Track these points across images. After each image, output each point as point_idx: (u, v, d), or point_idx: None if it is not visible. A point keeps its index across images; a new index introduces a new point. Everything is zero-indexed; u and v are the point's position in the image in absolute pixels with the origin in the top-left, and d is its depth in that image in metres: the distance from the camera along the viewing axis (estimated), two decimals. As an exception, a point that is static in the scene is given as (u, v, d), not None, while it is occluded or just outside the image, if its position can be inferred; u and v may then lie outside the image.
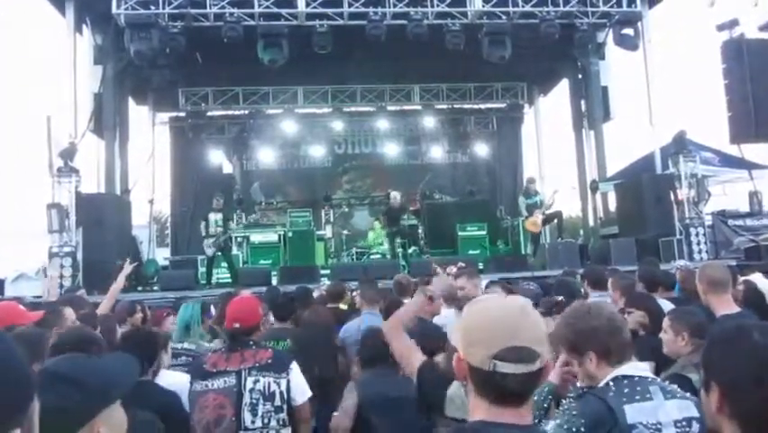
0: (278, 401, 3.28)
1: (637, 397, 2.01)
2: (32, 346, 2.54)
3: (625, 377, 2.08)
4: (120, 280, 6.05)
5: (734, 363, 1.50)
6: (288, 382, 3.33)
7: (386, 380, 3.61)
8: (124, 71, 13.62)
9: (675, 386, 2.21)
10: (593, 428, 1.94)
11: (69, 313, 4.13)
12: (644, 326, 3.64)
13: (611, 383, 2.08)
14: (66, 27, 12.47)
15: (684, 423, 2.00)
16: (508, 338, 1.37)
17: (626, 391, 2.03)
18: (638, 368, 2.15)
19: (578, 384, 2.18)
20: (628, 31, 12.97)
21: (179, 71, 14.75)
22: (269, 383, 3.28)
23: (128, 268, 6.23)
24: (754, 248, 12.03)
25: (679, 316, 3.17)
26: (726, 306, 3.60)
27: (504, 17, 12.72)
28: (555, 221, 13.55)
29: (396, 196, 13.61)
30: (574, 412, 1.99)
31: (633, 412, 1.97)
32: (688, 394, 2.19)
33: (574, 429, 1.94)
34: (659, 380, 2.16)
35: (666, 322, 3.19)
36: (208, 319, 5.25)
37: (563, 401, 2.13)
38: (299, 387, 3.38)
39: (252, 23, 12.21)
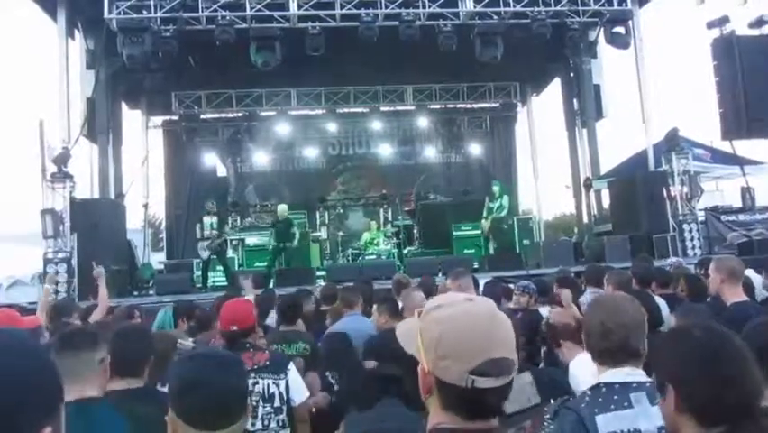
0: (277, 402, 3.31)
1: (612, 406, 1.97)
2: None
3: (605, 384, 2.04)
4: (102, 288, 6.11)
5: (680, 361, 1.57)
6: (287, 382, 3.35)
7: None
8: (117, 75, 13.58)
9: None
10: None
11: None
12: None
13: (588, 392, 2.05)
14: (57, 32, 12.41)
15: None
16: (485, 350, 1.23)
17: (600, 400, 1.99)
18: (624, 374, 2.06)
19: (551, 402, 2.12)
20: (619, 29, 13.03)
21: (172, 75, 14.74)
22: (268, 385, 3.31)
23: (101, 274, 6.25)
24: (747, 243, 12.11)
25: (685, 313, 3.17)
26: (737, 295, 3.72)
27: (496, 17, 12.76)
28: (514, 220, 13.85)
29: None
30: (553, 430, 1.97)
31: (605, 421, 1.93)
32: None
33: None
34: (650, 384, 2.06)
35: (673, 320, 3.21)
36: (182, 323, 5.51)
37: (545, 423, 2.06)
38: (298, 387, 3.41)
39: (245, 25, 12.21)
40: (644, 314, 2.22)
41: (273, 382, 3.32)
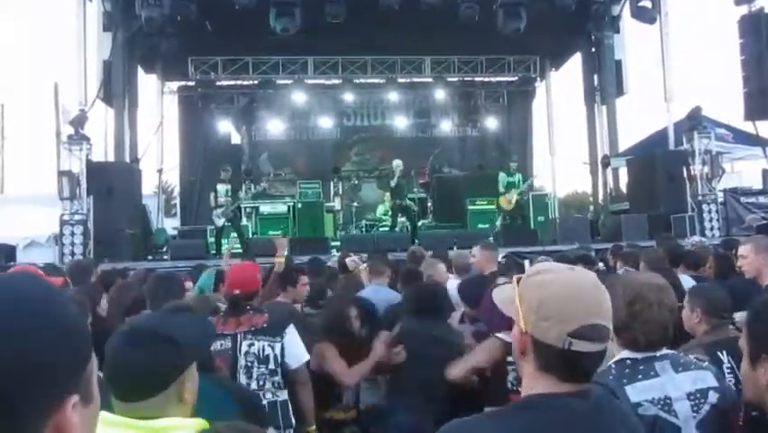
0: (272, 365, 3.36)
1: (639, 376, 1.97)
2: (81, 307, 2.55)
3: (627, 358, 2.03)
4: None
5: None
6: (282, 346, 3.39)
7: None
8: (133, 39, 13.49)
9: (692, 357, 2.18)
10: None
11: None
12: None
13: (612, 366, 2.03)
14: (75, -7, 12.29)
15: (699, 394, 1.95)
16: (587, 315, 1.30)
17: (626, 372, 1.99)
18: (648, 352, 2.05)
19: None
20: (646, 3, 12.76)
21: (189, 40, 14.58)
22: (263, 347, 3.37)
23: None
24: (766, 225, 11.96)
25: (696, 290, 3.06)
26: None
27: (520, -12, 12.51)
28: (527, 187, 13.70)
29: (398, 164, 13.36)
30: None
31: (635, 391, 1.93)
32: (705, 364, 2.14)
33: None
34: (672, 353, 2.08)
35: (686, 297, 3.15)
36: (222, 287, 5.37)
37: None
38: (293, 352, 3.43)
39: (265, -10, 12.05)
40: (676, 302, 2.18)
41: (268, 345, 3.37)
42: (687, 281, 4.39)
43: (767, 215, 12.81)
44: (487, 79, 19.32)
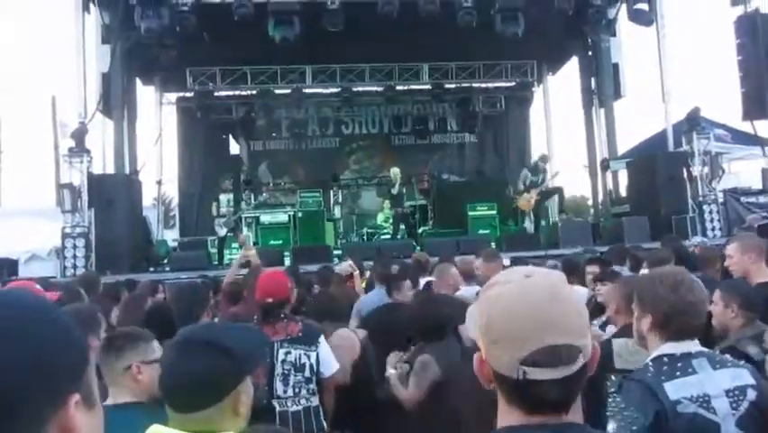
0: (308, 373, 3.45)
1: (678, 373, 1.98)
2: (85, 321, 2.57)
3: (665, 355, 2.05)
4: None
5: None
6: (318, 354, 3.48)
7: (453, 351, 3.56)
8: (131, 51, 13.49)
9: (727, 356, 2.19)
10: (646, 414, 1.90)
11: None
12: None
13: (650, 363, 2.06)
14: (74, 5, 12.30)
15: (737, 391, 1.96)
16: (543, 335, 1.05)
17: (664, 369, 2.00)
18: (682, 346, 2.07)
19: (612, 378, 2.09)
20: (642, 5, 12.82)
21: (187, 51, 14.59)
22: (299, 355, 3.45)
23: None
24: (766, 225, 11.98)
25: (729, 287, 3.12)
26: (765, 275, 3.65)
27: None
28: (556, 197, 13.59)
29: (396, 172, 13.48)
30: (622, 406, 1.95)
31: (674, 389, 1.94)
32: (741, 362, 2.16)
33: (635, 427, 1.88)
34: (708, 351, 2.11)
35: (717, 294, 3.16)
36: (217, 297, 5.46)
37: (609, 399, 2.04)
38: (327, 360, 3.52)
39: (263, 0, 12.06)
40: (707, 292, 2.21)
41: (305, 353, 3.45)
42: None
43: (768, 214, 12.84)
44: (484, 85, 19.37)
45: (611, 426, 1.93)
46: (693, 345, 2.07)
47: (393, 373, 3.60)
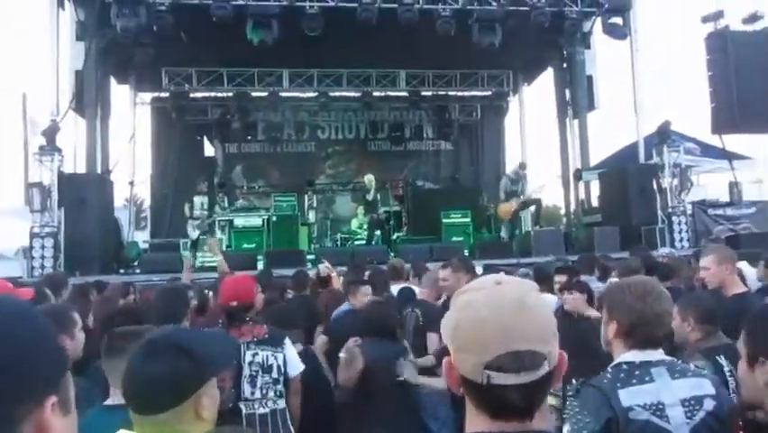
0: (275, 374, 3.48)
1: (634, 381, 2.00)
2: (59, 320, 2.54)
3: (625, 363, 2.07)
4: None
5: None
6: (284, 356, 3.52)
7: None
8: (106, 49, 13.29)
9: (691, 365, 2.22)
10: (598, 419, 1.93)
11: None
12: None
13: (609, 370, 2.08)
14: (48, 1, 12.10)
15: (693, 401, 1.98)
16: (507, 341, 1.07)
17: (621, 376, 2.03)
18: (645, 354, 2.09)
19: (573, 381, 2.12)
20: (617, 19, 13.06)
21: (163, 50, 14.44)
22: (267, 356, 3.48)
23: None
24: (733, 237, 12.25)
25: (687, 300, 3.10)
26: (739, 286, 3.76)
27: (495, 4, 12.69)
28: (533, 208, 13.72)
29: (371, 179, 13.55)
30: (577, 410, 1.98)
31: (628, 396, 1.96)
32: (704, 372, 2.19)
33: (586, 432, 1.91)
34: (669, 360, 2.13)
35: (675, 307, 3.20)
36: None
37: (567, 402, 2.08)
38: (293, 361, 3.57)
39: (242, 1, 12.00)
40: (672, 302, 2.26)
41: (272, 355, 3.49)
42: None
43: (734, 226, 13.12)
44: (461, 94, 19.53)
45: (566, 428, 1.97)
46: (656, 354, 2.10)
47: (342, 355, 3.75)
